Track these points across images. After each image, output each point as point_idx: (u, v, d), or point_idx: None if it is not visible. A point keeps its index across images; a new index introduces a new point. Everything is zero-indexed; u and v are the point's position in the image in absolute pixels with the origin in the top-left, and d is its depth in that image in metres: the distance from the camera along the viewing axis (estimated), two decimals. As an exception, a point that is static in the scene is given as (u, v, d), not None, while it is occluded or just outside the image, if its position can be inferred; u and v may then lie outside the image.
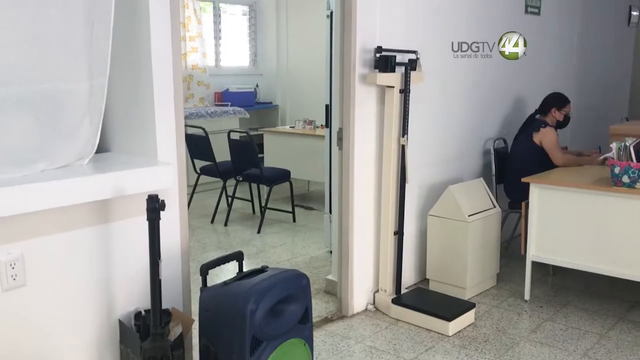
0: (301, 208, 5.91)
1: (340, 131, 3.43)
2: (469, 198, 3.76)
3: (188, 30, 7.03)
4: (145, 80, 2.41)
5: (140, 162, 2.38)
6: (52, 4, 2.14)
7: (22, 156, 2.12)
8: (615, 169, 3.25)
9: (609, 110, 6.21)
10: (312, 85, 7.21)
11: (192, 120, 6.33)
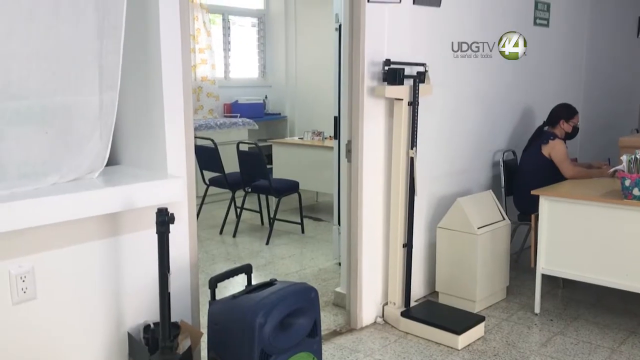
0: (310, 219, 5.91)
1: (349, 143, 3.44)
2: (478, 210, 3.74)
3: (197, 42, 7.08)
4: (156, 94, 2.43)
5: (150, 175, 2.40)
6: (64, 20, 2.17)
7: (33, 169, 2.14)
8: (626, 182, 3.23)
9: (619, 121, 6.18)
10: (320, 97, 7.23)
11: (202, 131, 6.36)
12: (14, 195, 1.99)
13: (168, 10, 2.38)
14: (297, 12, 7.96)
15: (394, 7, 3.39)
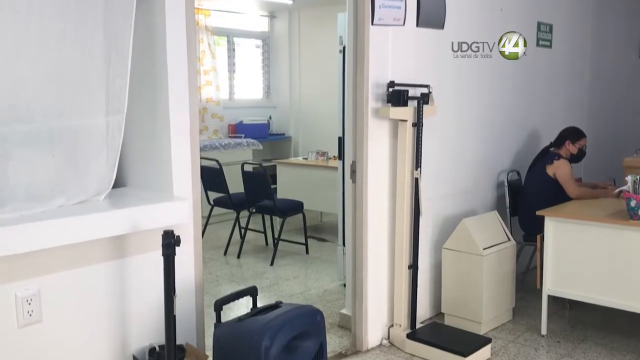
0: (314, 239, 5.90)
1: (354, 164, 3.44)
2: (483, 231, 3.73)
3: (202, 64, 7.14)
4: (162, 116, 2.45)
5: (156, 198, 2.41)
6: (71, 44, 2.20)
7: (40, 192, 2.16)
8: (631, 202, 3.23)
9: (623, 141, 6.17)
10: (324, 117, 7.27)
11: (206, 152, 6.38)
12: (22, 218, 2.00)
13: (175, 34, 2.41)
14: (301, 34, 8.03)
15: (397, 30, 3.42)
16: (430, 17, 3.61)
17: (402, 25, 3.43)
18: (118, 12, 2.30)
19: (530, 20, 4.66)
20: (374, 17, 3.25)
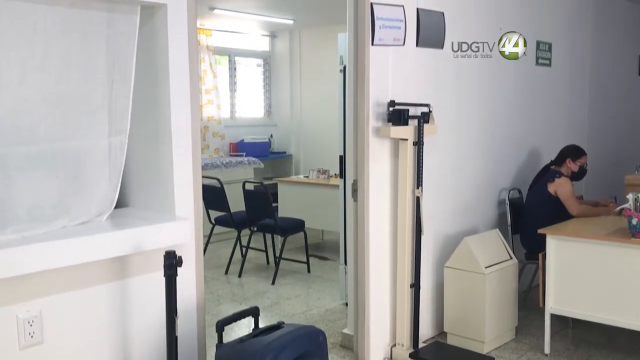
0: (315, 258, 5.88)
1: (355, 183, 3.45)
2: (485, 249, 3.73)
3: (204, 83, 7.19)
4: (164, 137, 2.46)
5: (158, 218, 2.41)
6: (75, 67, 2.22)
7: (43, 213, 2.16)
8: (633, 220, 3.23)
9: (624, 158, 6.19)
10: (325, 135, 7.30)
11: (208, 170, 6.40)
12: (24, 239, 2.00)
13: (177, 55, 2.43)
14: (301, 53, 8.10)
15: (397, 49, 3.45)
16: (430, 37, 3.64)
17: (402, 45, 3.46)
18: (121, 33, 2.33)
19: (530, 39, 4.68)
20: (374, 38, 3.28)
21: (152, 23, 2.43)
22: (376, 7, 3.26)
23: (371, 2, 3.25)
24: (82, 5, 2.21)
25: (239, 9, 6.54)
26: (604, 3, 5.73)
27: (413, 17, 3.52)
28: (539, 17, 4.76)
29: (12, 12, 2.05)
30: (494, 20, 4.22)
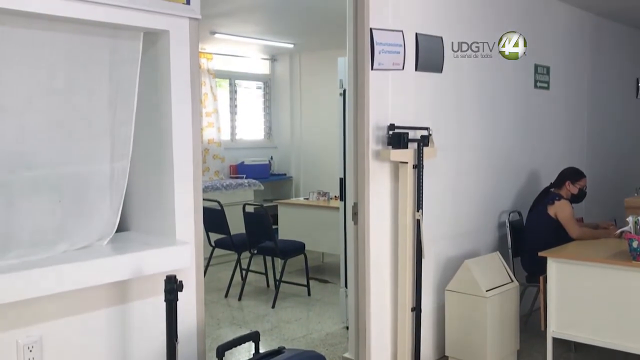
0: (316, 281, 5.86)
1: (355, 206, 3.46)
2: (486, 272, 3.72)
3: (205, 106, 7.24)
4: (166, 161, 2.48)
5: (158, 242, 2.41)
6: (78, 92, 2.25)
7: (44, 237, 2.17)
8: (634, 243, 3.23)
9: (623, 180, 6.21)
10: (325, 157, 7.32)
11: (208, 193, 6.40)
12: (25, 264, 2.00)
13: (180, 82, 2.45)
14: (302, 76, 8.16)
15: (397, 74, 3.49)
16: (429, 62, 3.68)
17: (402, 70, 3.50)
18: (124, 59, 2.35)
19: (528, 63, 4.75)
20: (373, 62, 3.32)
21: (155, 49, 2.46)
22: (375, 33, 3.30)
23: (371, 27, 3.29)
24: (86, 31, 2.24)
25: (239, 34, 6.62)
26: (601, 27, 5.80)
27: (412, 41, 3.56)
28: (537, 40, 4.81)
29: (18, 39, 2.08)
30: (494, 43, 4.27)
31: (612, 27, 6.04)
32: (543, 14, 4.86)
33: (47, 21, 2.11)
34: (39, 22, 2.10)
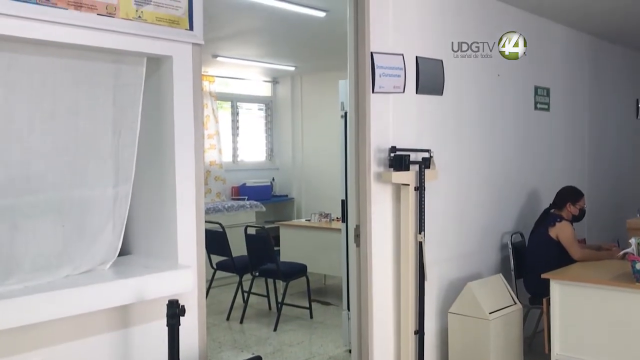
0: (318, 303, 5.83)
1: (357, 228, 3.46)
2: (488, 295, 3.71)
3: (207, 128, 7.27)
4: (168, 185, 2.49)
5: (161, 266, 2.41)
6: (82, 116, 2.27)
7: (47, 262, 2.17)
8: (637, 265, 3.22)
9: (625, 201, 6.21)
10: (327, 179, 7.33)
11: (210, 215, 6.41)
12: (27, 290, 2.00)
13: (183, 106, 2.47)
14: (303, 98, 8.22)
15: (398, 97, 3.51)
16: (430, 85, 3.71)
17: (403, 93, 3.52)
18: (128, 84, 2.38)
19: (528, 85, 4.78)
20: (374, 85, 3.35)
21: (158, 74, 2.49)
22: (376, 56, 3.34)
23: (371, 51, 3.32)
24: (90, 57, 2.27)
25: (241, 57, 6.68)
26: (599, 49, 5.85)
27: (412, 65, 3.60)
28: (537, 62, 4.86)
29: (23, 65, 2.10)
30: (493, 67, 4.31)
31: (611, 48, 6.09)
32: (542, 36, 4.90)
33: (52, 47, 2.14)
34: (44, 48, 2.13)
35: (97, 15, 2.16)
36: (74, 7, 2.10)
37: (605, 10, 4.70)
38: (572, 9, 4.55)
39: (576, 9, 4.58)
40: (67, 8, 2.08)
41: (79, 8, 2.11)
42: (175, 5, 2.39)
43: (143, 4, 2.29)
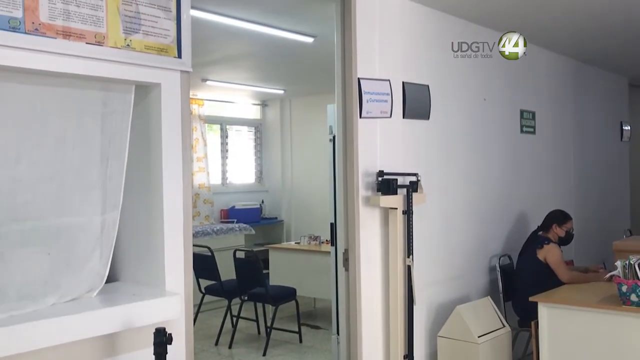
0: (307, 327, 5.79)
1: (346, 252, 3.46)
2: (477, 318, 3.71)
3: (196, 151, 7.28)
4: (156, 211, 2.48)
5: (148, 293, 2.39)
6: (71, 145, 2.27)
7: (33, 290, 2.15)
8: (623, 288, 3.24)
9: (612, 222, 6.27)
10: (316, 201, 7.35)
11: (198, 238, 6.37)
12: (12, 319, 1.98)
13: (171, 132, 2.48)
14: (292, 121, 8.27)
15: (385, 121, 3.55)
16: (416, 109, 3.75)
17: (390, 117, 3.56)
18: (116, 112, 2.39)
19: (514, 109, 4.85)
20: (362, 111, 3.38)
21: (147, 101, 2.50)
22: (363, 82, 3.38)
23: (358, 77, 3.37)
24: (78, 85, 2.28)
25: (230, 81, 6.72)
26: (583, 72, 5.95)
27: (399, 90, 3.64)
28: (522, 86, 4.93)
29: (10, 94, 2.11)
30: (479, 91, 4.37)
31: (594, 72, 6.20)
32: (526, 60, 4.97)
33: (40, 76, 2.15)
34: (32, 76, 2.14)
35: (86, 44, 2.17)
36: (62, 36, 2.11)
37: (588, 35, 4.80)
38: (556, 34, 4.64)
39: (559, 34, 4.67)
40: (55, 37, 2.10)
41: (68, 37, 2.12)
42: (164, 33, 2.42)
43: (132, 33, 2.31)
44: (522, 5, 3.67)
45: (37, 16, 2.04)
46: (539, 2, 3.65)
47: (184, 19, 2.47)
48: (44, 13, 2.06)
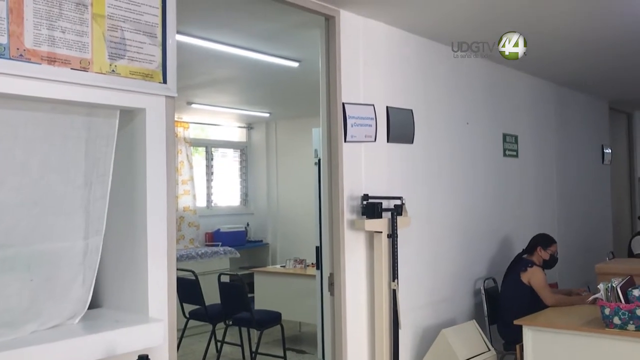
0: (293, 352, 5.74)
1: (332, 276, 3.46)
2: (463, 341, 3.71)
3: (181, 174, 7.26)
4: (139, 237, 2.47)
5: (131, 320, 2.36)
6: (54, 169, 2.25)
7: (13, 317, 2.12)
8: (606, 310, 3.26)
9: (595, 244, 6.33)
10: (301, 223, 7.34)
11: (182, 262, 6.32)
12: (-8, 347, 1.95)
13: (155, 157, 2.47)
14: (278, 144, 8.29)
15: (369, 145, 3.58)
16: (400, 134, 3.79)
17: (374, 141, 3.59)
18: (100, 136, 2.38)
19: (496, 132, 4.91)
20: (346, 135, 3.41)
21: (131, 125, 2.50)
22: (348, 107, 3.41)
23: (343, 102, 3.40)
24: (63, 110, 2.27)
25: (215, 104, 6.74)
26: (564, 96, 6.06)
27: (383, 114, 3.68)
28: (505, 111, 5.01)
29: (-6, 119, 2.10)
30: (462, 116, 4.43)
31: (575, 96, 6.31)
32: (508, 85, 5.07)
33: (24, 101, 2.15)
34: (16, 102, 2.14)
35: (71, 70, 2.17)
36: (47, 62, 2.11)
37: (569, 60, 4.89)
38: (537, 59, 4.73)
39: (541, 59, 4.76)
40: (40, 63, 2.09)
41: (53, 63, 2.13)
42: (149, 59, 2.43)
43: (117, 58, 2.32)
44: (503, 32, 3.75)
45: (21, 42, 2.05)
46: (520, 28, 3.73)
47: (170, 44, 2.49)
48: (28, 39, 2.06)
